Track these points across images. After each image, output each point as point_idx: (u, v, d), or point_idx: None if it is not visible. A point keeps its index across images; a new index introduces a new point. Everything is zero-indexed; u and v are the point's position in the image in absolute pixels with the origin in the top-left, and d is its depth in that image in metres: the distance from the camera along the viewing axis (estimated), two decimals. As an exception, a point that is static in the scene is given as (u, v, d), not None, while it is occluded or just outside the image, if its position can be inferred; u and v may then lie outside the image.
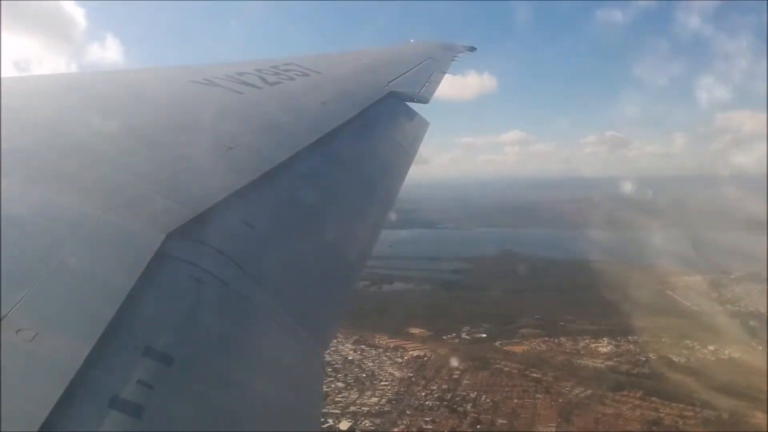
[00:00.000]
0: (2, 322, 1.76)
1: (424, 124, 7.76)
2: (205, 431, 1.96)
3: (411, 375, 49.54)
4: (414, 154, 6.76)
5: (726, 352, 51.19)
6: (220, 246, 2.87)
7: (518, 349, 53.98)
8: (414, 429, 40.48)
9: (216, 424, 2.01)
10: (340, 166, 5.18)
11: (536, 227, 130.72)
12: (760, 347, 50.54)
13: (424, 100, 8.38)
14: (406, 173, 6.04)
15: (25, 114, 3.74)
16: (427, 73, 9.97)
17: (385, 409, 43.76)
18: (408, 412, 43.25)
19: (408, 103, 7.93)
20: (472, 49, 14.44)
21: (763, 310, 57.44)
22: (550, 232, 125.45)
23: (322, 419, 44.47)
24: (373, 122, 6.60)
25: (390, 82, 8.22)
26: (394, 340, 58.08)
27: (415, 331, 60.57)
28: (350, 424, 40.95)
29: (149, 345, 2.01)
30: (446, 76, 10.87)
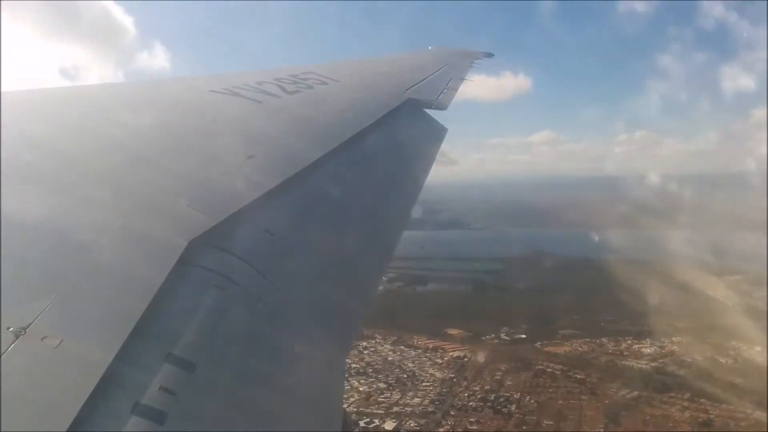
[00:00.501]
0: (28, 329, 1.78)
1: (442, 131, 7.74)
2: None
3: (452, 376, 49.51)
4: (432, 161, 6.74)
5: (775, 353, 50.01)
6: (241, 253, 2.89)
7: (560, 350, 53.54)
8: (459, 430, 40.45)
9: (239, 429, 2.02)
10: (359, 173, 5.19)
11: (567, 227, 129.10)
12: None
13: (443, 107, 8.38)
14: (425, 180, 6.02)
15: (52, 123, 3.85)
16: (444, 80, 9.98)
17: (429, 409, 43.82)
18: (452, 412, 43.27)
19: (426, 110, 7.96)
20: (489, 55, 14.44)
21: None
22: (581, 232, 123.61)
23: (367, 419, 44.93)
24: (391, 130, 6.61)
25: (408, 89, 8.26)
26: (432, 340, 58.11)
27: (453, 331, 60.49)
28: (395, 424, 41.10)
29: (172, 352, 2.02)
30: (468, 81, 10.86)
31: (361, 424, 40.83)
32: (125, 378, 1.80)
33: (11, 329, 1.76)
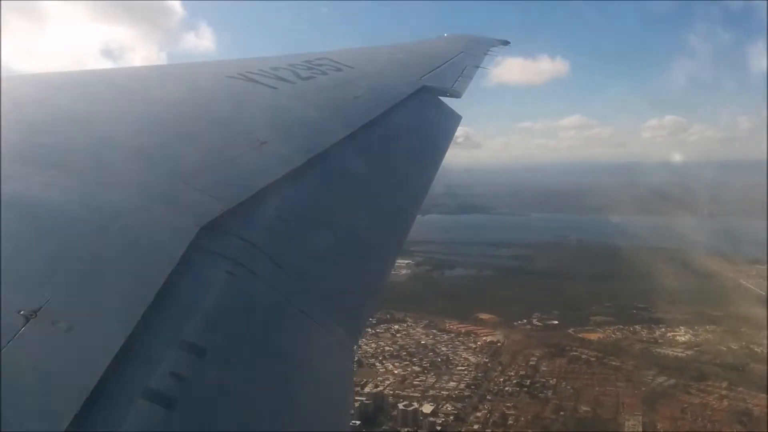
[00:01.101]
0: (39, 313, 1.79)
1: (457, 119, 7.75)
2: (236, 423, 1.97)
3: (486, 360, 50.02)
4: (446, 149, 6.73)
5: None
6: (252, 239, 2.88)
7: (593, 336, 53.72)
8: (496, 414, 41.02)
9: (248, 416, 2.03)
10: (372, 160, 5.16)
11: (593, 213, 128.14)
12: None
13: (457, 95, 8.35)
14: (439, 167, 6.04)
15: (62, 108, 3.85)
16: (460, 67, 9.87)
17: (465, 393, 44.41)
18: (488, 397, 43.81)
19: (441, 98, 7.95)
20: (506, 43, 14.23)
21: None
22: (607, 218, 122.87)
23: (404, 401, 45.68)
24: (405, 117, 6.54)
25: (423, 76, 8.20)
26: (464, 325, 58.61)
27: (485, 316, 60.94)
28: (432, 407, 41.79)
29: (182, 337, 2.03)
30: (484, 69, 10.82)
31: (400, 406, 41.49)
32: (135, 363, 1.81)
33: (22, 312, 1.77)
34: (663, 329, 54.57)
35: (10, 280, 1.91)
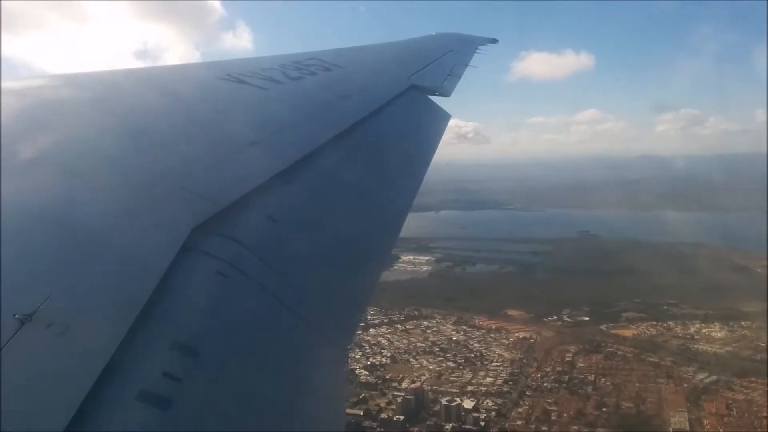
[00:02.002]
0: (33, 316, 1.79)
1: (446, 117, 7.70)
2: (230, 424, 1.96)
3: (521, 356, 49.84)
4: (435, 147, 6.66)
5: None
6: (244, 240, 2.87)
7: (627, 332, 53.50)
8: (538, 410, 40.83)
9: (242, 417, 2.02)
10: (362, 159, 5.16)
11: (608, 208, 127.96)
12: None
13: (446, 93, 8.31)
14: (428, 166, 5.97)
15: (53, 111, 3.87)
16: (449, 66, 9.88)
17: (504, 389, 44.26)
18: (528, 393, 43.65)
19: (430, 96, 7.91)
20: (494, 41, 14.19)
21: None
22: (623, 212, 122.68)
23: (442, 397, 45.53)
24: (394, 116, 6.57)
25: (411, 75, 8.19)
26: (494, 321, 58.46)
27: (514, 312, 60.78)
28: (474, 403, 41.62)
29: (175, 339, 2.03)
30: (472, 68, 10.63)
31: (443, 401, 41.35)
32: (130, 364, 1.81)
33: (17, 316, 1.77)
34: (697, 325, 54.28)
35: (4, 283, 1.91)
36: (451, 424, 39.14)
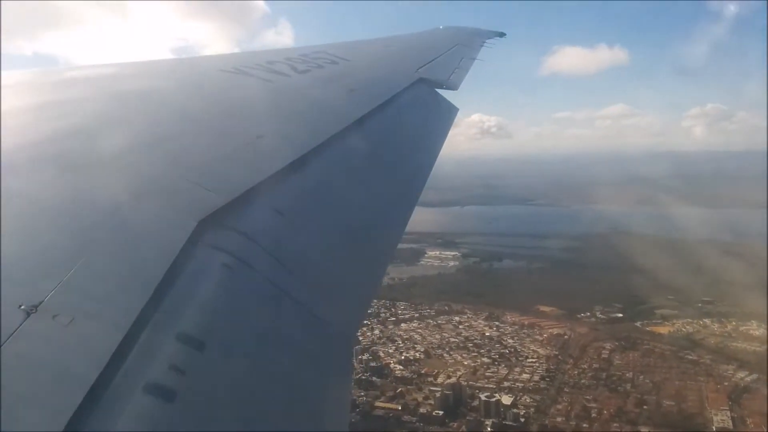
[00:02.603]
0: (39, 307, 1.79)
1: (453, 110, 7.66)
2: (235, 417, 1.94)
3: (556, 353, 49.75)
4: (443, 141, 6.64)
5: None
6: (250, 233, 2.86)
7: (663, 330, 53.14)
8: (577, 407, 40.81)
9: (247, 409, 2.01)
10: (368, 153, 5.08)
11: (635, 204, 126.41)
12: None
13: (453, 87, 8.26)
14: (435, 159, 5.95)
15: (59, 104, 3.88)
16: (456, 59, 9.81)
17: (541, 385, 44.27)
18: (566, 389, 43.62)
19: (437, 90, 7.87)
20: (501, 34, 13.99)
21: None
22: (650, 209, 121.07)
23: (479, 392, 45.68)
24: (401, 109, 6.52)
25: (419, 68, 8.15)
26: (526, 317, 58.36)
27: (546, 309, 60.60)
28: (512, 399, 41.72)
29: (181, 331, 2.02)
30: (479, 61, 10.67)
31: (482, 397, 41.52)
32: (135, 356, 1.81)
33: (23, 307, 1.78)
34: (734, 323, 53.70)
35: (10, 275, 1.91)
36: (491, 420, 39.29)
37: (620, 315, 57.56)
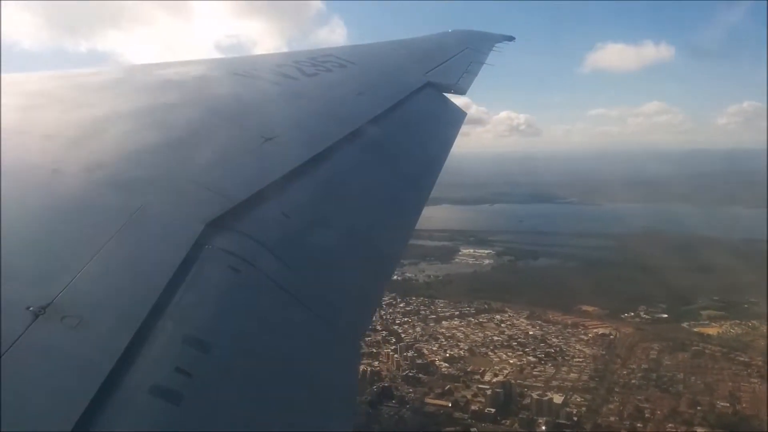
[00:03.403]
0: (48, 309, 1.80)
1: (461, 115, 7.56)
2: (242, 419, 1.94)
3: (603, 353, 49.56)
4: (450, 145, 6.57)
5: None
6: (257, 236, 2.86)
7: (711, 330, 52.61)
8: (629, 407, 40.68)
9: (252, 412, 2.01)
10: (376, 156, 5.10)
11: (667, 202, 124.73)
12: None
13: (461, 91, 8.20)
14: (442, 164, 5.89)
15: (69, 107, 3.86)
16: (465, 63, 9.71)
17: (590, 385, 44.19)
18: (616, 389, 43.50)
19: (445, 94, 7.80)
20: (510, 38, 13.80)
21: None
22: (684, 207, 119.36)
23: (528, 390, 45.76)
24: (409, 113, 6.46)
25: (427, 72, 8.10)
26: (569, 316, 58.14)
27: (588, 308, 60.30)
28: (562, 398, 41.74)
29: (188, 333, 2.03)
30: (488, 65, 10.58)
31: (534, 395, 41.62)
32: (142, 358, 1.82)
33: (31, 309, 1.79)
34: (785, 325, 52.91)
35: (19, 276, 1.94)
36: (544, 419, 39.39)
37: (665, 315, 57.09)
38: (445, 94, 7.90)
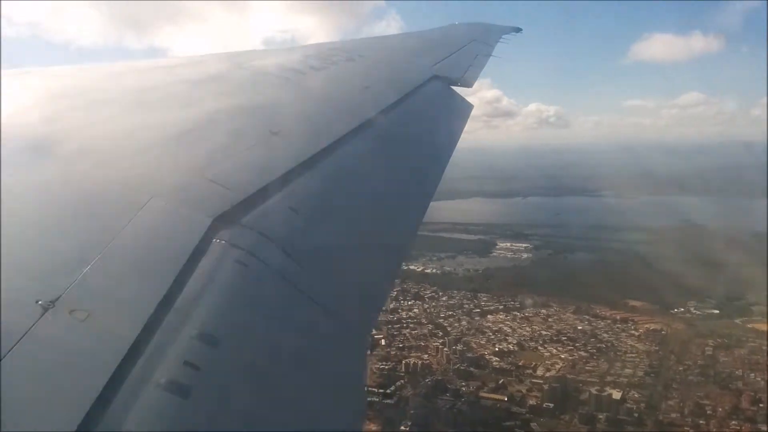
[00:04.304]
0: (57, 302, 1.80)
1: (468, 108, 7.52)
2: (249, 413, 1.92)
3: (656, 348, 49.19)
4: (457, 139, 6.51)
5: None
6: (264, 230, 2.85)
7: (764, 327, 51.80)
8: (690, 404, 40.37)
9: (260, 406, 1.99)
10: (384, 150, 5.04)
11: (704, 196, 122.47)
12: None
13: (468, 84, 8.13)
14: (450, 157, 5.84)
15: (78, 102, 3.89)
16: (471, 56, 9.62)
17: (647, 381, 43.93)
18: (674, 386, 43.18)
19: (452, 87, 7.72)
20: (518, 30, 13.55)
21: None
22: (723, 201, 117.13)
23: (583, 386, 45.68)
24: (415, 106, 6.41)
25: (434, 65, 8.02)
26: (617, 311, 57.71)
27: (636, 303, 59.79)
28: (620, 393, 41.58)
29: (196, 327, 2.01)
30: (495, 57, 10.47)
31: (592, 391, 41.54)
32: (151, 352, 1.81)
33: (40, 302, 1.79)
34: (840, 321, 51.91)
35: (27, 270, 1.95)
36: (604, 414, 39.32)
37: (716, 311, 56.36)
38: (452, 87, 7.91)
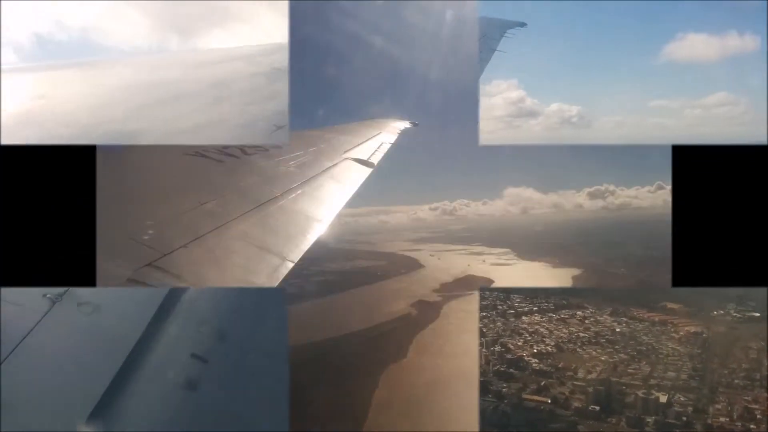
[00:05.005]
0: (65, 296, 1.68)
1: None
2: (256, 404, 1.74)
3: (699, 351, 48.67)
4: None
5: None
6: None
7: (809, 331, 51.10)
8: (738, 408, 39.95)
9: (266, 398, 1.80)
10: None
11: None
12: None
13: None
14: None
15: (96, 94, 3.70)
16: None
17: (692, 384, 43.53)
18: (720, 389, 42.72)
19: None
20: (522, 25, 13.94)
21: None
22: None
23: (627, 388, 45.43)
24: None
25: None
26: (655, 314, 57.13)
27: (674, 305, 59.15)
28: (666, 397, 41.28)
29: (204, 320, 1.86)
30: (500, 52, 11.63)
31: (639, 393, 41.28)
32: (158, 345, 1.72)
33: (48, 296, 1.74)
34: None
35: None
36: (652, 418, 39.07)
37: (757, 314, 55.52)
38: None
